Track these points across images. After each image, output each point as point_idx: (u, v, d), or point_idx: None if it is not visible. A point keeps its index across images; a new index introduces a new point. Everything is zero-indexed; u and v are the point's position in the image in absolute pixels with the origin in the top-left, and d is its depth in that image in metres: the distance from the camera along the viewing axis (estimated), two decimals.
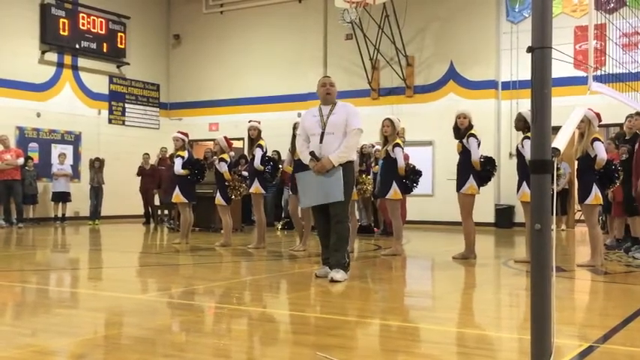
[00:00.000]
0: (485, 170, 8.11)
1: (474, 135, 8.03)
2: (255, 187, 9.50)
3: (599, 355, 3.42)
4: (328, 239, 6.29)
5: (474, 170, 8.03)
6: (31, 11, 16.67)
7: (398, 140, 8.59)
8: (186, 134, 10.57)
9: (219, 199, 10.02)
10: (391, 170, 8.54)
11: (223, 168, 9.92)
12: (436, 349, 3.65)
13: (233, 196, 10.10)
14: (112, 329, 4.26)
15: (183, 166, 10.11)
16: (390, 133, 8.56)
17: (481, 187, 8.30)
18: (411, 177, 8.75)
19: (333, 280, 5.92)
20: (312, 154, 6.20)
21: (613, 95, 4.06)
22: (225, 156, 10.05)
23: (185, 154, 10.22)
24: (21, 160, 14.97)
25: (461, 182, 8.13)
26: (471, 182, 8.04)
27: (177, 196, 10.21)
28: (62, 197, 16.17)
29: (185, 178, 10.16)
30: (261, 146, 9.47)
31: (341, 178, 6.08)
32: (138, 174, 16.62)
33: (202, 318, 4.63)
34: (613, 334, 3.90)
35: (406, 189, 8.75)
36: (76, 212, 17.03)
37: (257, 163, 9.39)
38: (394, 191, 8.54)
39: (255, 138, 9.61)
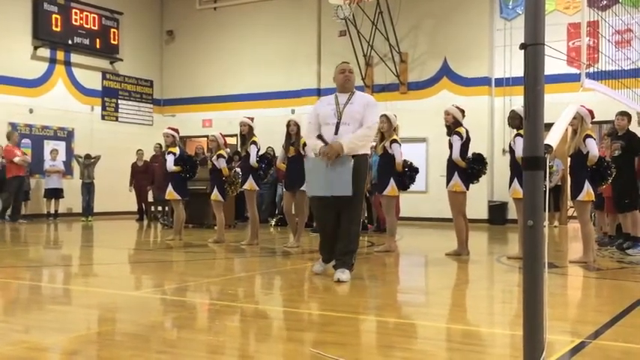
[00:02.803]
0: (472, 168, 8.11)
1: (458, 133, 8.04)
2: (249, 184, 9.50)
3: (591, 350, 3.43)
4: (332, 238, 6.06)
5: (459, 168, 8.04)
6: (23, 7, 16.58)
7: (395, 136, 8.61)
8: (176, 130, 10.52)
9: (216, 195, 9.97)
10: (389, 166, 8.55)
11: (222, 164, 9.89)
12: (430, 345, 3.66)
13: (230, 192, 10.10)
14: (106, 326, 4.25)
15: (175, 163, 10.09)
16: (387, 129, 8.58)
17: (474, 184, 8.32)
18: (408, 174, 8.76)
19: (339, 281, 5.71)
20: (319, 137, 5.89)
21: (606, 92, 4.08)
22: (222, 152, 10.03)
23: (176, 150, 10.19)
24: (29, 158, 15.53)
25: (447, 179, 8.17)
26: (456, 180, 8.04)
27: (170, 192, 10.19)
28: (55, 193, 16.12)
29: (177, 175, 10.14)
30: (255, 143, 9.46)
31: (350, 171, 5.72)
32: (131, 173, 16.57)
33: (195, 314, 4.62)
34: (605, 330, 3.92)
35: (403, 186, 8.77)
36: (68, 209, 16.98)
37: (252, 160, 9.37)
38: (392, 188, 8.55)
39: (246, 134, 9.59)
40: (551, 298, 4.58)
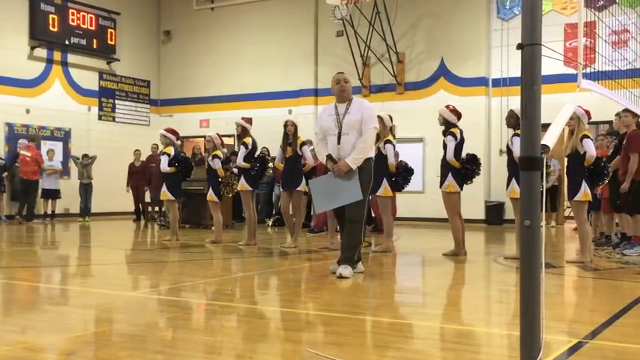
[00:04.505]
0: (466, 169, 8.11)
1: (452, 133, 8.04)
2: (242, 185, 9.50)
3: (587, 350, 3.44)
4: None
5: (453, 168, 8.04)
6: (20, 7, 16.55)
7: (389, 137, 8.60)
8: (173, 131, 10.49)
9: (211, 196, 9.99)
10: (382, 167, 8.55)
11: (217, 164, 9.91)
12: (426, 345, 3.66)
13: (225, 193, 10.10)
14: (102, 326, 4.24)
15: (170, 164, 10.09)
16: (381, 129, 8.57)
17: (470, 185, 8.32)
18: (402, 175, 8.75)
19: (341, 276, 5.98)
20: (329, 157, 6.19)
21: (602, 92, 4.08)
22: (218, 152, 10.03)
23: (171, 151, 10.18)
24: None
25: (441, 180, 8.17)
26: (450, 180, 8.05)
27: (165, 193, 10.22)
28: (52, 194, 16.08)
29: (172, 176, 10.14)
30: (244, 144, 9.46)
31: (357, 179, 6.06)
32: (128, 174, 16.55)
33: (192, 315, 4.62)
34: (602, 329, 3.93)
35: (397, 187, 8.76)
36: (66, 209, 16.95)
37: (239, 161, 9.42)
38: (384, 188, 8.55)
39: (240, 135, 9.60)
40: (548, 298, 4.58)
